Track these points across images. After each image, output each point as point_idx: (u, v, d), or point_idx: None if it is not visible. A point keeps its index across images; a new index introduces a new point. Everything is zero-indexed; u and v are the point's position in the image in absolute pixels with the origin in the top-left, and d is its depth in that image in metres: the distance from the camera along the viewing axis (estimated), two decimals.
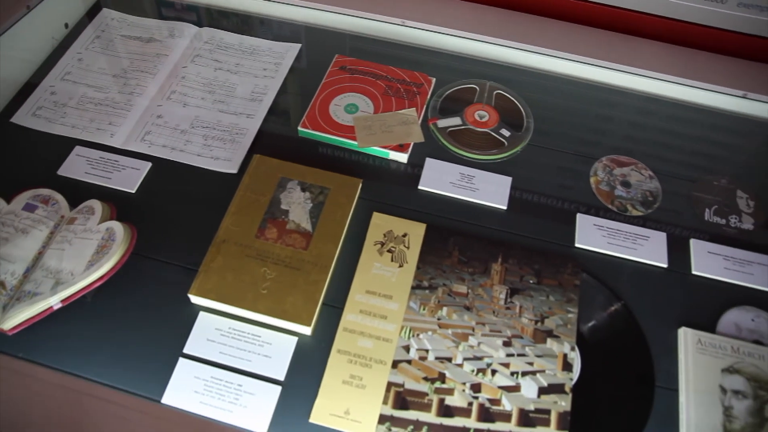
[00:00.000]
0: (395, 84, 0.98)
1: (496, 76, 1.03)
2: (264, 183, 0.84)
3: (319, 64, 1.02)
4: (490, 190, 0.88)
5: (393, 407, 0.69)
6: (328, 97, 0.96)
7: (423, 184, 0.88)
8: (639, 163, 0.94)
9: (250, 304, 0.74)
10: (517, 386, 0.71)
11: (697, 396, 0.72)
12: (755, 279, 0.84)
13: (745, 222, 0.90)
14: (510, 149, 0.93)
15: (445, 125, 0.95)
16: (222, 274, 0.75)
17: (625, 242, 0.85)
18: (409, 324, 0.74)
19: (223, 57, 1.04)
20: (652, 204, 0.90)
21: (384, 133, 0.91)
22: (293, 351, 0.73)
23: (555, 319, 0.76)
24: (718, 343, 0.76)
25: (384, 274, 0.78)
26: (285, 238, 0.79)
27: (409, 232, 0.81)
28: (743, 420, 0.71)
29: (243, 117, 0.95)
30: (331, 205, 0.82)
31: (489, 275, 0.78)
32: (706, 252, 0.86)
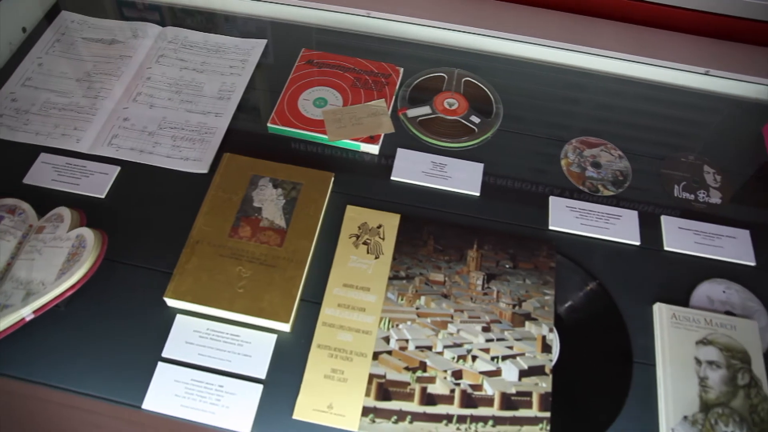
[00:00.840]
0: (363, 76, 0.98)
1: (464, 64, 1.03)
2: (235, 181, 0.83)
3: (285, 59, 1.02)
4: (463, 178, 0.88)
5: (376, 399, 0.69)
6: (296, 92, 0.95)
7: (395, 174, 0.88)
8: (608, 144, 0.95)
9: (227, 304, 0.73)
10: (498, 371, 0.71)
11: (673, 369, 0.74)
12: (725, 252, 0.86)
13: (713, 196, 0.92)
14: (480, 136, 0.93)
15: (415, 115, 0.95)
16: (197, 276, 0.75)
17: (598, 222, 0.86)
18: (388, 315, 0.74)
19: (188, 56, 1.03)
20: (622, 183, 0.91)
21: (354, 126, 0.91)
22: (273, 348, 0.73)
23: (532, 302, 0.77)
24: (691, 317, 0.78)
25: (360, 266, 0.78)
26: (259, 236, 0.78)
27: (383, 224, 0.81)
28: (718, 389, 0.72)
29: (211, 116, 0.94)
30: (304, 201, 0.81)
31: (465, 262, 0.79)
32: (676, 228, 0.87)
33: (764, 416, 0.71)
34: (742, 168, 0.96)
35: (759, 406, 0.72)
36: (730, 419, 0.71)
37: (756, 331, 0.77)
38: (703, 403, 0.71)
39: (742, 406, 0.71)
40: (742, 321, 0.78)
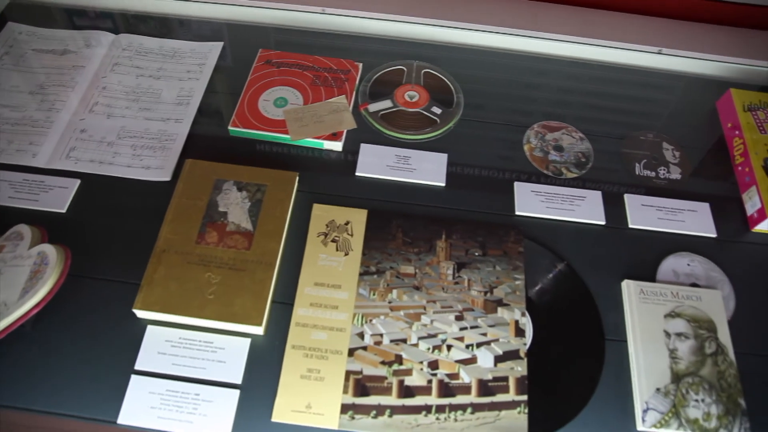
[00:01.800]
0: (322, 73, 0.97)
1: (423, 56, 1.04)
2: (199, 187, 0.82)
3: (244, 61, 1.01)
4: (428, 169, 0.89)
5: (354, 395, 0.69)
6: (256, 93, 0.95)
7: (360, 170, 0.88)
8: (569, 127, 0.97)
9: (198, 312, 0.72)
10: (474, 358, 0.72)
11: (644, 343, 0.75)
12: (687, 225, 0.88)
13: (673, 172, 0.94)
14: (443, 126, 0.94)
15: (377, 109, 0.95)
16: (166, 285, 0.74)
17: (563, 204, 0.87)
18: (361, 311, 0.74)
19: (144, 63, 1.01)
20: (585, 165, 0.93)
21: (316, 124, 0.90)
22: (248, 353, 0.73)
23: (503, 288, 0.77)
24: (658, 291, 0.79)
25: (330, 264, 0.77)
26: (226, 241, 0.77)
27: (351, 220, 0.81)
28: (687, 360, 0.74)
29: (171, 122, 0.93)
30: (270, 202, 0.81)
31: (435, 253, 0.79)
32: (639, 205, 0.89)
33: (731, 381, 0.73)
34: (699, 143, 0.99)
35: (726, 372, 0.74)
36: (700, 387, 0.72)
37: (720, 300, 0.79)
38: (674, 374, 0.73)
39: (710, 373, 0.73)
40: (707, 292, 0.80)
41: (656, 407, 0.71)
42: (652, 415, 0.71)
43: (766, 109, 0.99)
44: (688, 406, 0.71)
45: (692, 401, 0.72)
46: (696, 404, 0.72)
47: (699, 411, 0.71)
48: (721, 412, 0.71)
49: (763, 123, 0.97)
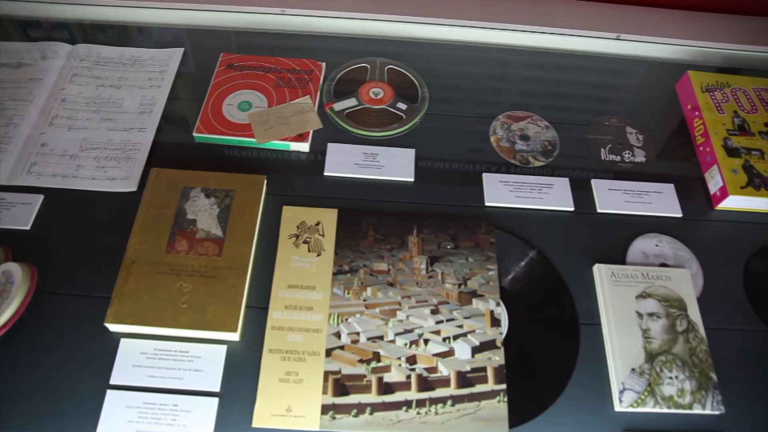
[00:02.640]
0: (286, 74, 0.97)
1: (386, 52, 1.04)
2: (166, 196, 0.81)
3: (205, 66, 0.99)
4: (396, 165, 0.89)
5: (333, 395, 0.69)
6: (219, 98, 0.94)
7: (328, 169, 0.88)
8: (534, 116, 0.98)
9: (171, 321, 0.71)
10: (451, 351, 0.72)
11: (617, 325, 0.76)
12: (653, 207, 0.89)
13: (638, 155, 0.96)
14: (409, 122, 0.94)
15: (342, 108, 0.94)
16: (137, 297, 0.73)
17: (532, 193, 0.88)
18: (336, 310, 0.74)
19: (103, 72, 0.99)
20: (551, 153, 0.94)
21: (281, 126, 0.90)
22: (224, 359, 0.72)
23: (477, 279, 0.78)
24: (629, 273, 0.80)
25: (303, 266, 0.77)
26: (197, 248, 0.77)
27: (321, 220, 0.81)
28: (660, 338, 0.75)
29: (134, 132, 0.92)
30: (239, 207, 0.80)
31: (407, 248, 0.79)
32: (607, 189, 0.90)
33: (703, 357, 0.75)
34: (661, 125, 1.00)
35: (697, 348, 0.75)
36: (673, 365, 0.74)
37: (689, 278, 0.81)
38: (648, 354, 0.74)
39: (682, 350, 0.75)
40: (676, 271, 0.81)
41: (632, 387, 0.72)
42: (628, 395, 0.72)
43: (723, 90, 1.01)
44: (663, 384, 0.73)
45: (666, 379, 0.73)
46: (670, 381, 0.73)
47: (673, 388, 0.73)
48: (694, 387, 0.73)
49: (721, 103, 0.99)
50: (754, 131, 0.96)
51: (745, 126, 0.96)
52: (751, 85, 1.02)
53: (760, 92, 1.02)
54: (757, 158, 0.92)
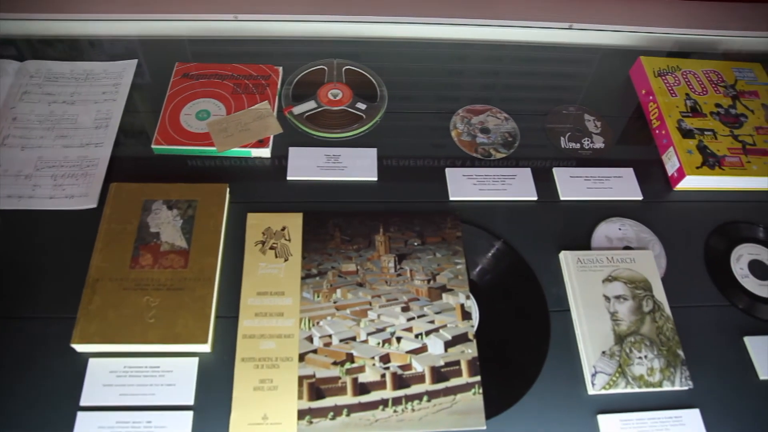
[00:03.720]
0: (243, 81, 0.96)
1: (342, 53, 1.04)
2: (127, 210, 0.80)
3: (161, 76, 0.98)
4: (359, 165, 0.89)
5: (309, 400, 0.69)
6: (176, 108, 0.92)
7: (291, 174, 0.87)
8: (493, 108, 0.99)
9: (140, 337, 0.70)
10: (424, 347, 0.73)
11: (586, 310, 0.78)
12: (614, 191, 0.91)
13: (597, 142, 0.97)
14: (369, 121, 0.94)
15: (301, 111, 0.94)
16: (103, 315, 0.71)
17: (495, 185, 0.89)
18: (307, 314, 0.74)
19: (55, 89, 0.97)
20: (512, 144, 0.95)
21: (241, 133, 0.89)
22: (197, 372, 0.71)
23: (446, 274, 0.78)
24: (594, 258, 0.82)
25: (271, 272, 0.77)
26: (162, 261, 0.75)
27: (287, 225, 0.80)
28: (628, 320, 0.77)
29: (91, 147, 0.90)
30: (203, 217, 0.79)
31: (374, 248, 0.80)
32: (568, 177, 0.92)
33: (669, 335, 0.76)
34: (618, 111, 1.02)
35: (664, 327, 0.77)
36: (642, 345, 0.75)
37: (652, 259, 0.82)
38: (617, 336, 0.76)
39: (650, 330, 0.76)
40: (639, 253, 0.83)
41: (604, 370, 0.74)
42: (600, 378, 0.73)
43: (674, 73, 1.03)
44: (633, 364, 0.74)
45: (636, 359, 0.75)
46: (640, 361, 0.74)
47: (643, 367, 0.74)
48: (663, 365, 0.74)
49: (673, 86, 1.01)
50: (706, 112, 0.98)
51: (697, 107, 0.99)
52: (700, 67, 1.05)
53: (709, 74, 1.04)
54: (710, 138, 0.95)
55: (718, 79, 1.04)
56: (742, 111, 1.00)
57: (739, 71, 1.06)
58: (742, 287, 0.85)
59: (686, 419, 0.73)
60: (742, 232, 0.90)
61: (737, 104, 1.00)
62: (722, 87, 1.03)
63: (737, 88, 1.03)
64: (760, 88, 1.03)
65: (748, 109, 1.00)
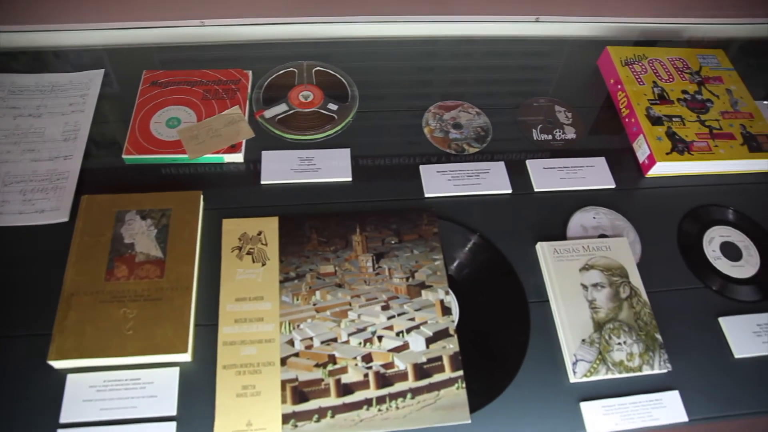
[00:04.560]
0: (212, 86, 0.95)
1: (312, 54, 1.03)
2: (100, 222, 0.79)
3: (129, 85, 0.97)
4: (333, 166, 0.89)
5: (293, 403, 0.68)
6: (146, 117, 0.91)
7: (265, 178, 0.87)
8: (465, 104, 0.99)
9: (118, 350, 0.69)
10: (405, 344, 0.73)
11: (564, 299, 0.78)
12: (588, 181, 0.92)
13: (568, 132, 0.98)
14: (341, 122, 0.94)
15: (273, 114, 0.94)
16: (80, 329, 0.70)
17: (470, 180, 0.89)
18: (287, 318, 0.74)
19: (20, 102, 0.95)
20: (485, 138, 0.95)
21: (213, 139, 0.88)
22: (178, 382, 0.70)
23: (424, 271, 0.78)
24: (570, 247, 0.83)
25: (249, 277, 0.76)
26: (137, 272, 0.75)
27: (263, 229, 0.80)
28: (606, 307, 0.78)
29: (60, 160, 0.88)
30: (177, 225, 0.78)
31: (352, 248, 0.79)
32: (542, 168, 0.93)
33: (647, 320, 0.77)
34: (588, 101, 1.04)
35: (641, 312, 0.78)
36: (621, 331, 0.76)
37: (627, 246, 0.83)
38: (596, 323, 0.77)
39: (628, 316, 0.77)
40: (614, 240, 0.84)
41: (584, 357, 0.74)
42: (581, 366, 0.74)
43: (641, 62, 1.05)
44: (613, 351, 0.75)
45: (615, 345, 0.75)
46: (619, 347, 0.75)
47: (623, 353, 0.75)
48: (642, 349, 0.76)
49: (640, 75, 1.03)
50: (673, 99, 1.00)
51: (665, 95, 1.00)
52: (665, 55, 1.07)
53: (674, 61, 1.06)
54: (679, 124, 0.96)
55: (683, 66, 1.06)
56: (707, 96, 1.01)
57: (703, 58, 1.08)
58: (715, 269, 0.86)
59: (666, 401, 0.74)
60: (712, 215, 0.92)
61: (703, 90, 1.02)
62: (688, 74, 1.05)
63: (702, 74, 1.05)
64: (724, 73, 1.05)
65: (713, 95, 1.02)
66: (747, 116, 0.99)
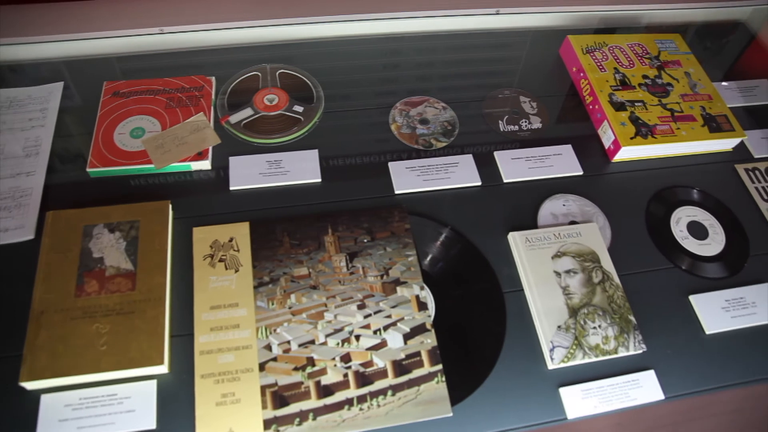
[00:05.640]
0: (175, 94, 0.94)
1: (274, 57, 1.03)
2: (67, 238, 0.77)
3: (90, 97, 0.95)
4: (301, 168, 0.88)
5: (274, 408, 0.68)
6: (109, 129, 0.90)
7: (234, 183, 0.86)
8: (431, 99, 1.00)
9: (93, 367, 0.68)
10: (383, 342, 0.73)
11: (539, 287, 0.79)
12: (556, 169, 0.93)
13: (534, 122, 0.99)
14: (308, 123, 0.94)
15: (238, 119, 0.93)
16: (52, 348, 0.69)
17: (439, 174, 0.90)
18: (263, 323, 0.73)
19: None
20: (452, 132, 0.96)
21: (179, 147, 0.87)
22: (156, 394, 0.70)
23: (398, 267, 0.79)
24: (542, 236, 0.84)
25: (223, 284, 0.76)
26: (108, 286, 0.73)
27: (234, 236, 0.79)
28: (579, 293, 0.79)
29: (22, 177, 0.87)
30: (147, 237, 0.77)
31: (324, 249, 0.79)
32: (509, 159, 0.93)
33: (620, 303, 0.79)
34: (552, 90, 1.05)
35: (614, 295, 0.79)
36: (595, 315, 0.77)
37: (597, 231, 0.85)
38: (571, 309, 0.78)
39: (601, 300, 0.79)
40: (585, 226, 0.85)
41: (561, 344, 0.75)
42: (558, 352, 0.75)
43: (601, 49, 1.06)
44: (588, 335, 0.76)
45: (591, 329, 0.77)
46: (594, 331, 0.76)
47: (598, 336, 0.76)
48: (616, 332, 0.77)
49: (602, 62, 1.04)
50: (635, 84, 1.01)
51: (626, 80, 1.02)
52: (625, 41, 1.08)
53: (634, 47, 1.08)
54: (641, 109, 0.98)
55: (642, 51, 1.07)
56: (667, 80, 1.03)
57: (662, 42, 1.10)
58: (683, 248, 0.88)
59: (643, 381, 0.75)
60: (678, 195, 0.94)
61: (663, 74, 1.04)
62: (647, 59, 1.06)
63: (661, 58, 1.07)
64: (682, 57, 1.07)
65: (673, 78, 1.04)
66: (706, 98, 1.01)
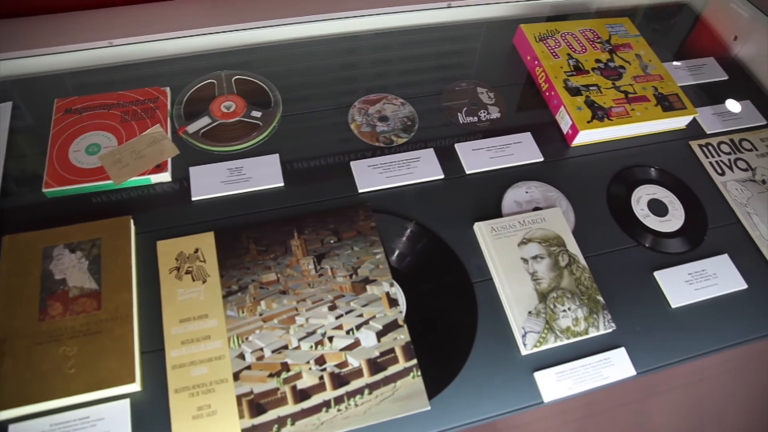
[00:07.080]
0: (130, 107, 0.92)
1: (229, 64, 1.02)
2: (26, 261, 0.75)
3: (42, 116, 0.93)
4: (263, 174, 0.88)
5: (251, 417, 0.67)
6: (63, 146, 0.88)
7: (195, 194, 0.85)
8: (389, 96, 1.00)
9: (62, 391, 0.67)
10: (356, 341, 0.73)
11: (507, 275, 0.80)
12: (516, 157, 0.94)
13: (493, 112, 1.00)
14: (267, 128, 0.93)
15: (196, 129, 0.92)
16: (18, 375, 0.67)
17: (401, 170, 0.90)
18: (235, 332, 0.72)
19: None
20: (412, 128, 0.96)
21: (137, 161, 0.86)
22: (130, 413, 0.68)
23: (366, 266, 0.79)
24: (507, 224, 0.84)
25: (191, 296, 0.75)
26: (73, 307, 0.72)
27: (199, 246, 0.78)
28: (547, 277, 0.80)
29: None
30: (109, 254, 0.76)
31: (291, 253, 0.79)
32: (470, 151, 0.94)
33: (588, 284, 0.80)
34: (508, 80, 1.06)
35: (581, 277, 0.81)
36: (564, 298, 0.79)
37: (561, 215, 0.86)
38: (540, 294, 0.79)
39: (569, 283, 0.80)
40: (548, 211, 0.86)
41: (532, 329, 0.76)
42: (531, 338, 0.76)
43: (554, 36, 1.08)
44: (559, 318, 0.77)
45: (561, 312, 0.78)
46: (564, 314, 0.78)
47: (568, 319, 0.77)
48: (586, 313, 0.78)
49: (555, 49, 1.06)
50: (588, 68, 1.03)
51: (580, 65, 1.04)
52: (576, 27, 1.10)
53: (585, 32, 1.09)
54: (596, 92, 0.99)
55: (594, 36, 1.09)
56: (620, 63, 1.05)
57: (612, 27, 1.12)
58: (645, 226, 0.90)
59: (614, 359, 0.77)
60: (637, 175, 0.96)
61: (615, 57, 1.06)
62: (599, 43, 1.08)
63: (612, 42, 1.09)
64: (632, 39, 1.10)
65: (625, 61, 1.06)
66: (658, 78, 1.04)
